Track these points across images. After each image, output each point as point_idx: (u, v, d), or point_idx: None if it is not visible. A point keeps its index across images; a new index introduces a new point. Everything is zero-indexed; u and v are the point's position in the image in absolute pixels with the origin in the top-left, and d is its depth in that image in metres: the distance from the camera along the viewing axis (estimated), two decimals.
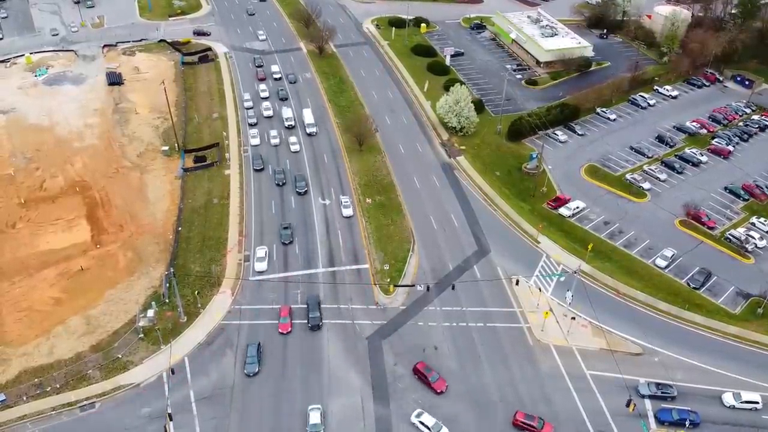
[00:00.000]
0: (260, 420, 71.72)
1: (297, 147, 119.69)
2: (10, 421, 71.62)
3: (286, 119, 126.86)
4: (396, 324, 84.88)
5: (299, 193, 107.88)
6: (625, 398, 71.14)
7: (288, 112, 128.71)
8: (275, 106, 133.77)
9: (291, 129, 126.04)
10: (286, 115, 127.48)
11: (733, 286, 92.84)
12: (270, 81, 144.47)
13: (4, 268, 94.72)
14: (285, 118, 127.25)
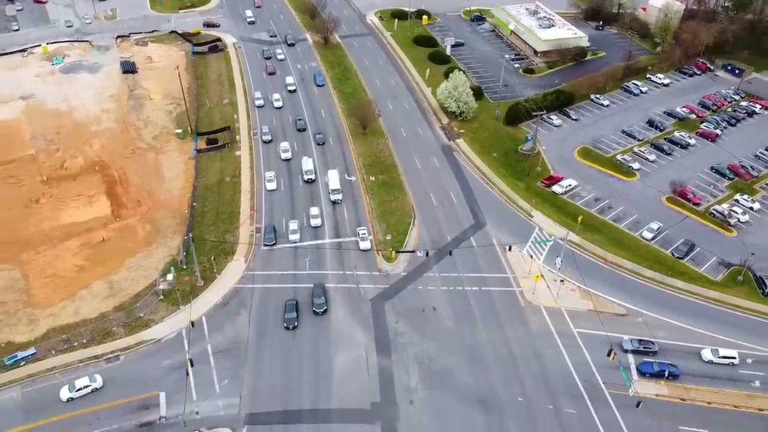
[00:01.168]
0: (271, 370, 77.76)
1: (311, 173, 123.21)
2: (40, 372, 77.72)
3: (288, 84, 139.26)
4: (397, 288, 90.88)
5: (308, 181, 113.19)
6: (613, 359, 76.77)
7: None
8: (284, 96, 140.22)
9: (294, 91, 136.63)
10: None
11: (716, 256, 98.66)
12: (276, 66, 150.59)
13: (29, 239, 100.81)
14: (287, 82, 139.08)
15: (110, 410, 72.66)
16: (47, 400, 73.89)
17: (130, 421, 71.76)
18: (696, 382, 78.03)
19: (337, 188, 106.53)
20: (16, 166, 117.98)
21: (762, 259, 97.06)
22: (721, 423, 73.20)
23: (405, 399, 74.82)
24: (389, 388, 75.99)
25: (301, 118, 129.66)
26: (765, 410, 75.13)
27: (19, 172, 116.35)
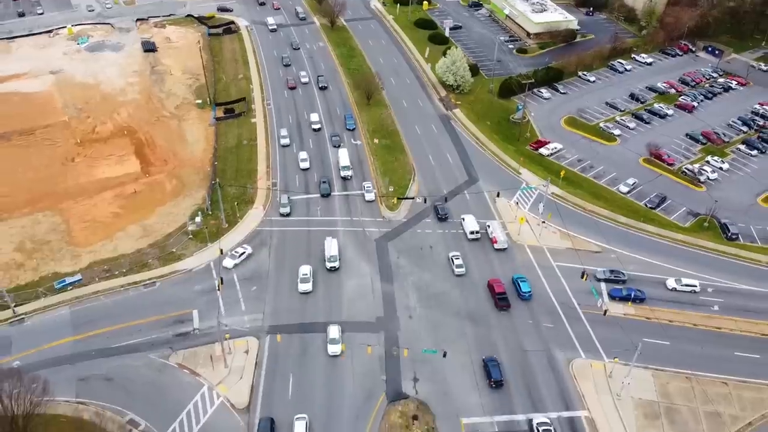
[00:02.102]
0: (289, 293, 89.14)
1: (317, 125, 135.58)
2: (85, 295, 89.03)
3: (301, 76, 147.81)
4: (398, 231, 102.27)
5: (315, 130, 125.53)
6: (585, 280, 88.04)
7: None
8: None
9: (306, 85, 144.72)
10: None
11: (685, 207, 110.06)
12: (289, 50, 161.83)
13: (67, 191, 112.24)
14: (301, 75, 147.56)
15: (150, 324, 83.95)
16: (93, 316, 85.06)
17: (168, 332, 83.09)
18: (660, 306, 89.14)
19: (347, 165, 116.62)
20: (51, 130, 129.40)
21: (727, 210, 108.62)
22: (681, 337, 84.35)
23: (405, 315, 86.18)
24: (391, 307, 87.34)
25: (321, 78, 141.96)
26: (722, 328, 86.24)
27: (55, 136, 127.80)
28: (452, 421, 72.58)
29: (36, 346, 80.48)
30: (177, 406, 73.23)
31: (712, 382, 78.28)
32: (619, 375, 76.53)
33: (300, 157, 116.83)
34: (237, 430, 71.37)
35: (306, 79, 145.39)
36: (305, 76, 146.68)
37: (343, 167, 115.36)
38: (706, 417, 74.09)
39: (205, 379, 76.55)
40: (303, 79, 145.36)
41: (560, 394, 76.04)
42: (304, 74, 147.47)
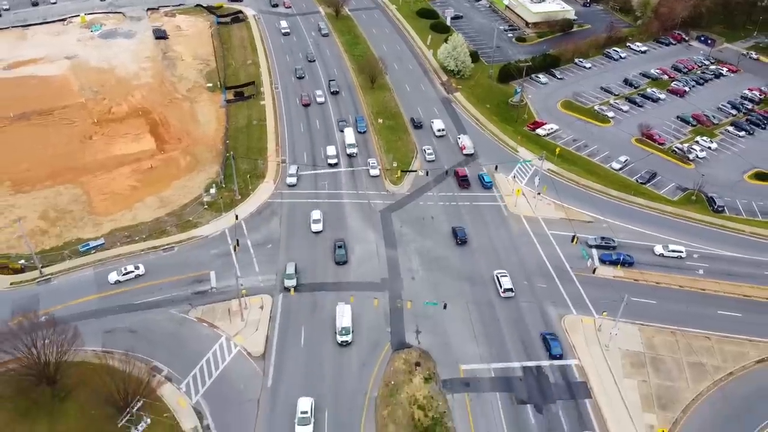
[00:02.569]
0: (300, 257, 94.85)
1: (322, 98, 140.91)
2: (108, 258, 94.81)
3: None
4: (402, 203, 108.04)
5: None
6: (575, 243, 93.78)
7: None
8: None
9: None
10: None
11: (674, 183, 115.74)
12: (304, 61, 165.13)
13: (87, 166, 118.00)
14: None
15: (169, 283, 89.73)
16: None
17: (187, 290, 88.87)
18: (648, 269, 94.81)
19: (353, 143, 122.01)
20: (68, 111, 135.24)
21: (715, 186, 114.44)
22: (667, 297, 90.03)
23: (408, 276, 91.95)
24: (395, 269, 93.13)
25: None
26: (706, 290, 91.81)
27: (72, 116, 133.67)
28: (452, 368, 78.30)
29: (63, 303, 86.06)
30: (197, 355, 78.96)
31: (695, 337, 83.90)
32: (608, 329, 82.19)
33: None
34: (253, 374, 77.06)
35: (322, 99, 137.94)
36: (321, 95, 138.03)
37: (348, 145, 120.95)
38: (690, 366, 79.78)
39: (222, 331, 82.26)
40: (319, 98, 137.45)
41: None
42: (320, 93, 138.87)
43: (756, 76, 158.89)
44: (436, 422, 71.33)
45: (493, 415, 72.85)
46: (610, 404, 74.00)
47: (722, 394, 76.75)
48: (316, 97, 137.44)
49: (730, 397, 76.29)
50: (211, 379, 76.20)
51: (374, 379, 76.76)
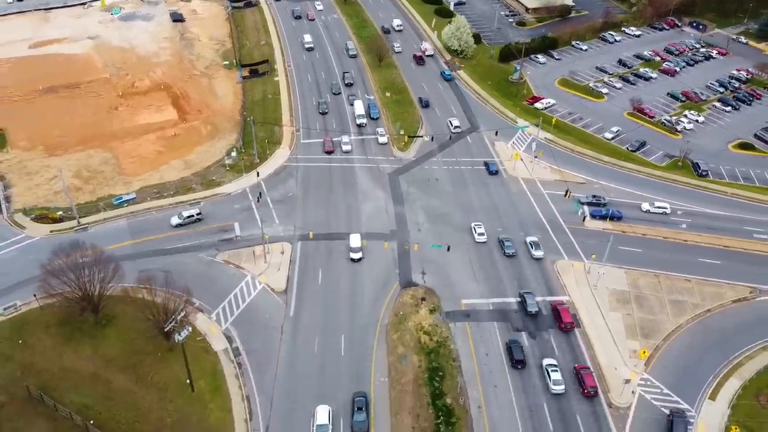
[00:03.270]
0: (316, 212, 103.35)
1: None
2: (139, 211, 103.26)
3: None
4: (408, 167, 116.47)
5: (335, 93, 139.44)
6: (568, 197, 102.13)
7: None
8: None
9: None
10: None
11: (662, 151, 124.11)
12: None
13: (114, 133, 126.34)
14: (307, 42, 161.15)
15: (197, 233, 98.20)
16: (147, 226, 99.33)
17: (213, 238, 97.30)
18: (635, 224, 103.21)
19: (362, 113, 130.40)
20: (94, 85, 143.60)
21: (701, 154, 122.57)
22: (652, 247, 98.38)
23: (414, 228, 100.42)
24: (403, 223, 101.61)
25: None
26: (688, 241, 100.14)
27: (98, 89, 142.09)
28: (454, 302, 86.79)
29: (99, 248, 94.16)
30: (225, 290, 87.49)
31: (677, 279, 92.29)
32: (596, 271, 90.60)
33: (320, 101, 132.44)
34: (277, 306, 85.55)
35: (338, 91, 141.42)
36: (347, 143, 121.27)
37: (358, 115, 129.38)
38: (670, 303, 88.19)
39: (248, 271, 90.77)
40: (344, 146, 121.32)
41: (545, 284, 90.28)
42: (346, 140, 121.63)
43: (744, 58, 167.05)
44: (440, 345, 79.83)
45: (491, 340, 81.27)
46: (597, 333, 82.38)
47: (701, 326, 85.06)
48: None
49: (708, 329, 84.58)
50: (238, 310, 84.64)
51: (385, 311, 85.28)
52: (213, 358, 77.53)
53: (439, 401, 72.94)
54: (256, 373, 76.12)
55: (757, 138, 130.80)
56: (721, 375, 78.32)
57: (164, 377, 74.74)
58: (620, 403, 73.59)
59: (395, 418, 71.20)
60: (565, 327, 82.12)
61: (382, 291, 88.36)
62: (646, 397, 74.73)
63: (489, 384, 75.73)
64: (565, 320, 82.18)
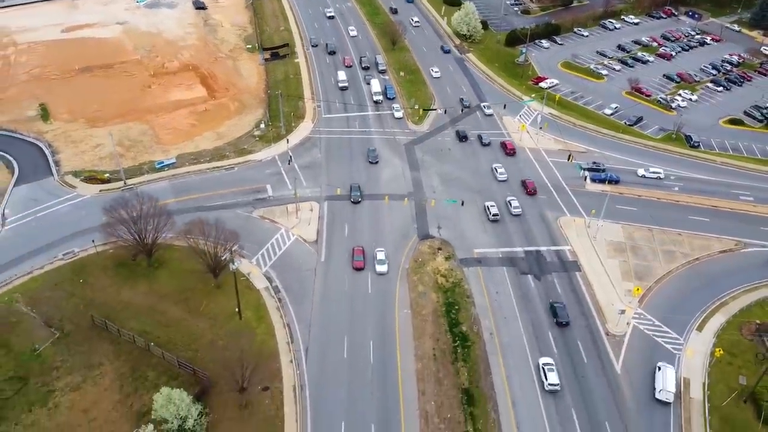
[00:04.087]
0: (339, 174, 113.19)
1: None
2: (179, 174, 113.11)
3: None
4: (423, 139, 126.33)
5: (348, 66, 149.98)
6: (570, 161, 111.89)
7: None
8: None
9: None
10: None
11: (657, 125, 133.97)
12: None
13: (149, 108, 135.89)
14: None
15: (233, 193, 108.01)
16: (188, 187, 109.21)
17: (248, 198, 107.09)
18: (631, 187, 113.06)
19: (379, 91, 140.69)
20: (126, 66, 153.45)
21: (692, 128, 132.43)
22: (646, 206, 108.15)
23: (430, 190, 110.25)
24: (419, 185, 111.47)
25: None
26: (680, 201, 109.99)
27: (131, 69, 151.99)
28: (467, 251, 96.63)
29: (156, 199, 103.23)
30: (263, 240, 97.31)
31: (669, 233, 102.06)
32: (596, 225, 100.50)
33: (339, 78, 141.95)
34: (309, 254, 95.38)
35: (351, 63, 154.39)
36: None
37: (374, 93, 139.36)
38: (663, 253, 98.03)
39: (282, 225, 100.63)
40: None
41: (549, 236, 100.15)
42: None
43: (737, 44, 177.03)
44: (456, 285, 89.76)
45: (501, 281, 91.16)
46: (596, 276, 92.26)
47: (690, 271, 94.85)
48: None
49: (696, 273, 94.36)
50: (275, 257, 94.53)
51: (405, 258, 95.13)
52: (256, 294, 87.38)
53: (456, 329, 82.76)
54: (295, 306, 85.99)
55: (746, 114, 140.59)
56: (707, 311, 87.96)
57: (214, 309, 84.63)
58: (616, 332, 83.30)
59: (418, 341, 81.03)
60: (508, 153, 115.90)
61: (402, 242, 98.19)
62: (639, 327, 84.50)
63: (499, 316, 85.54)
64: (509, 148, 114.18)
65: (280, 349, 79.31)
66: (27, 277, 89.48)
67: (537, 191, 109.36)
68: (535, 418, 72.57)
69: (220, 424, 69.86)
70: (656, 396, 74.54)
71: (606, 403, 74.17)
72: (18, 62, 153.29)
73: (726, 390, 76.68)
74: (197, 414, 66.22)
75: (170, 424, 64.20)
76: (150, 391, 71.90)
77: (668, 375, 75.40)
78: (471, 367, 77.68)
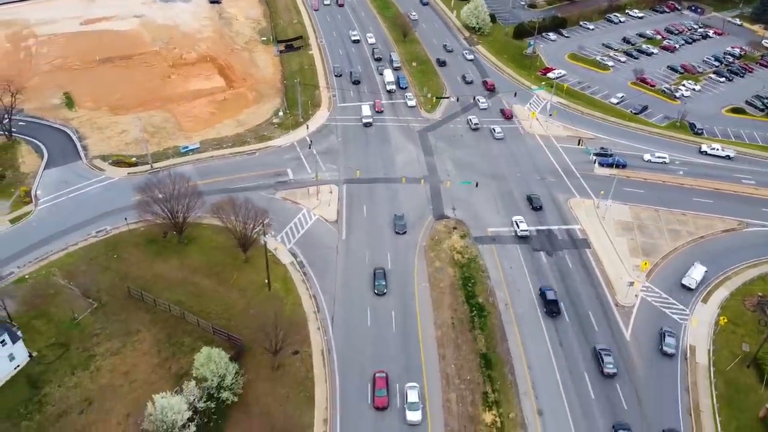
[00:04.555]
0: (356, 161, 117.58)
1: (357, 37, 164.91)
2: (201, 159, 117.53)
3: None
4: (435, 126, 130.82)
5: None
6: (580, 145, 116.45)
7: None
8: None
9: None
10: None
11: (662, 114, 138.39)
12: None
13: (170, 97, 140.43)
14: None
15: (256, 176, 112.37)
16: (212, 171, 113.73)
17: (270, 181, 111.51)
18: (638, 171, 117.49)
19: (391, 80, 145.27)
20: (145, 57, 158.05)
21: (697, 117, 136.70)
22: (652, 188, 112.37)
23: (444, 174, 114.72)
24: (433, 170, 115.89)
25: None
26: (684, 184, 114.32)
27: (150, 60, 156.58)
28: (481, 230, 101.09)
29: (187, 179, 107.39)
30: (286, 220, 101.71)
31: (674, 214, 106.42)
32: (604, 206, 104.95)
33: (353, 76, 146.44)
34: (330, 232, 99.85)
35: None
36: None
37: (388, 82, 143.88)
38: (668, 232, 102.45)
39: (303, 206, 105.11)
40: None
41: (560, 216, 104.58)
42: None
43: (739, 38, 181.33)
44: (471, 261, 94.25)
45: (514, 257, 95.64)
46: (606, 252, 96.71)
47: (695, 248, 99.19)
48: None
49: (700, 250, 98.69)
50: (299, 235, 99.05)
51: (422, 236, 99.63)
52: (282, 269, 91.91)
53: (473, 300, 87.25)
54: (319, 279, 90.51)
55: (747, 104, 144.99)
56: (712, 285, 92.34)
57: (244, 281, 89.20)
58: (625, 304, 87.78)
59: (436, 312, 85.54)
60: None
61: (419, 222, 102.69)
62: (647, 299, 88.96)
63: (513, 289, 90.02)
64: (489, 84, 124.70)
65: (308, 317, 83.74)
66: (62, 253, 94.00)
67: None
68: (550, 380, 76.95)
69: (254, 383, 74.35)
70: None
71: (615, 363, 78.46)
72: (39, 53, 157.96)
73: (730, 356, 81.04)
74: (234, 373, 70.67)
75: (210, 382, 68.65)
76: (187, 355, 76.47)
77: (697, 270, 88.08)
78: (488, 335, 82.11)
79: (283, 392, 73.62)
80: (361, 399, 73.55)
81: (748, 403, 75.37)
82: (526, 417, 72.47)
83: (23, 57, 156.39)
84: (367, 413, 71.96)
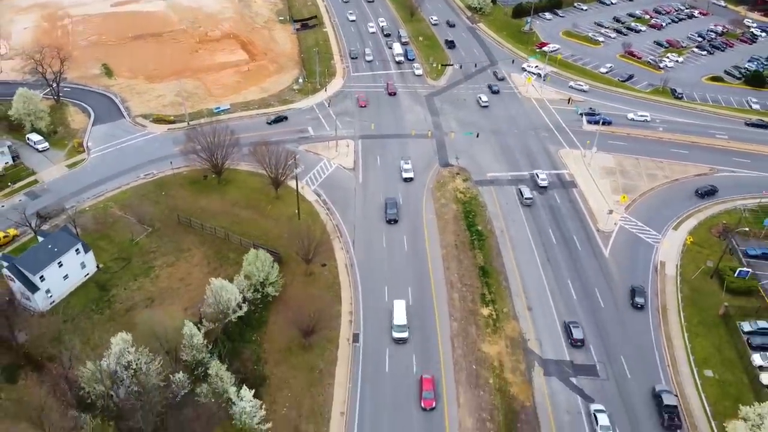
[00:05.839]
0: (370, 119, 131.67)
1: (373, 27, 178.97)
2: (233, 118, 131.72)
3: None
4: (441, 91, 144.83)
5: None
6: (570, 103, 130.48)
7: None
8: None
9: None
10: None
11: (647, 81, 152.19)
12: None
13: (199, 68, 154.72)
14: None
15: (281, 132, 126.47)
16: (246, 128, 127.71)
17: (294, 137, 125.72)
18: (622, 128, 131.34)
19: (400, 53, 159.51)
20: (174, 34, 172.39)
21: (679, 85, 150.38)
22: (633, 141, 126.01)
23: (448, 130, 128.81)
24: (439, 127, 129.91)
25: None
26: (663, 138, 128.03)
27: (178, 37, 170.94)
28: (481, 174, 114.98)
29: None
30: (310, 167, 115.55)
31: (652, 161, 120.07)
32: (590, 155, 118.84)
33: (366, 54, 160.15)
34: (349, 177, 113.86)
35: (373, 29, 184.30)
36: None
37: (396, 54, 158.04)
38: (647, 175, 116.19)
39: (324, 156, 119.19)
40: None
41: (551, 163, 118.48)
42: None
43: (722, 17, 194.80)
44: (472, 198, 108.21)
45: (510, 195, 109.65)
46: (590, 191, 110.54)
47: (670, 188, 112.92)
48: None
49: (674, 190, 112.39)
50: (322, 178, 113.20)
51: (429, 179, 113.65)
52: (309, 204, 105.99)
53: (473, 228, 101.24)
54: (340, 213, 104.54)
55: (726, 74, 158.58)
56: (683, 216, 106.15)
57: (276, 212, 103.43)
58: (605, 230, 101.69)
59: (442, 236, 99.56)
60: None
61: (426, 168, 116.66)
62: (625, 227, 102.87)
63: (509, 219, 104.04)
64: None
65: (332, 239, 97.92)
66: (117, 191, 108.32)
67: None
68: (538, 286, 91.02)
69: (290, 286, 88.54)
70: None
71: (595, 275, 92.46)
72: (75, 31, 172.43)
73: (695, 269, 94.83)
74: (276, 273, 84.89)
75: (257, 277, 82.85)
76: (233, 266, 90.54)
77: None
78: (486, 253, 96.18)
79: (316, 293, 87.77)
80: (377, 299, 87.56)
81: (709, 303, 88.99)
82: (517, 312, 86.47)
83: (60, 34, 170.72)
84: (383, 306, 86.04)
